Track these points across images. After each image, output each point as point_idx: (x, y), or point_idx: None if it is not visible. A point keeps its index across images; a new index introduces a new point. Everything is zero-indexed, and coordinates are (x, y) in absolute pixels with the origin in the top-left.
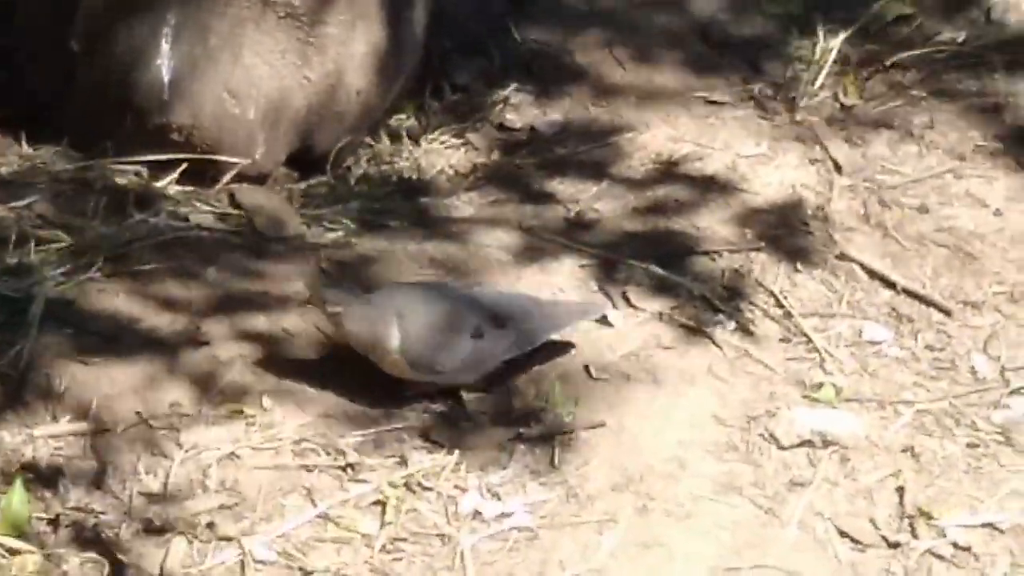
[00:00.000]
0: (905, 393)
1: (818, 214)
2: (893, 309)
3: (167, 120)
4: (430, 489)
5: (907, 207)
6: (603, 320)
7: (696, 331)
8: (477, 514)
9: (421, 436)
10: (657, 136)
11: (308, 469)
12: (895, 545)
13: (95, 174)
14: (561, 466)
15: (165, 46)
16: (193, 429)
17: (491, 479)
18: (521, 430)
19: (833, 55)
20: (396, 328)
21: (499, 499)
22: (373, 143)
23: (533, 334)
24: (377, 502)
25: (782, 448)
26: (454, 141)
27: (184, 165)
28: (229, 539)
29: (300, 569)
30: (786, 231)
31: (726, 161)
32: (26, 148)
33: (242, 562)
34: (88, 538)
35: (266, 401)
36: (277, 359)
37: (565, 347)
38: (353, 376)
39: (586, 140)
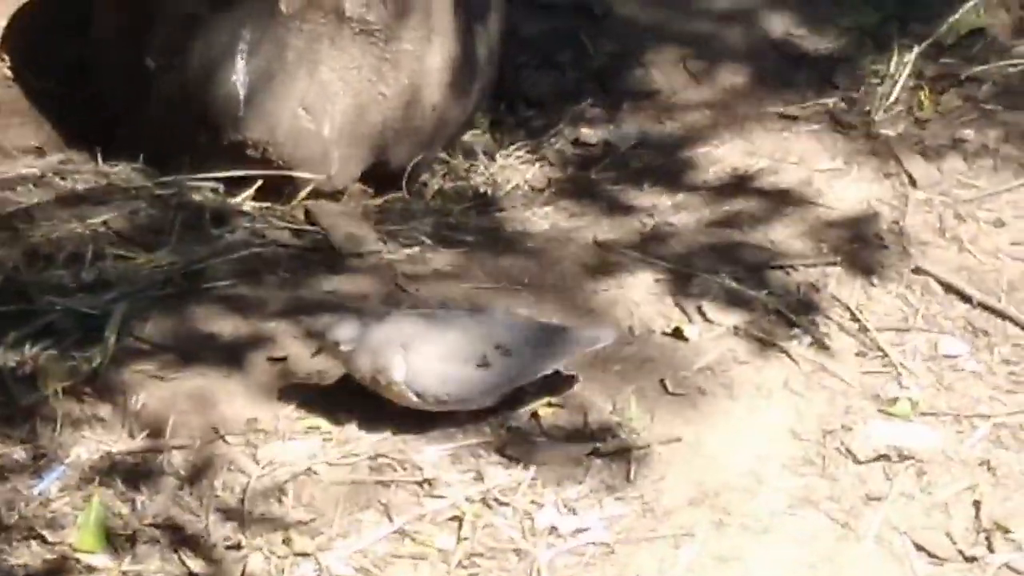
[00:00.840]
0: (981, 407)
1: (893, 228)
2: (969, 323)
3: (243, 136)
4: (507, 504)
5: (982, 221)
6: (678, 334)
7: (772, 345)
8: (553, 529)
9: (497, 451)
10: (732, 150)
11: (385, 484)
12: (972, 559)
13: (171, 190)
14: (637, 481)
15: (241, 62)
16: (270, 445)
17: (567, 494)
18: (597, 445)
19: (908, 69)
20: (402, 359)
21: (575, 514)
22: (448, 158)
23: (540, 362)
24: (454, 517)
25: (858, 462)
26: (529, 156)
27: (260, 181)
28: (306, 555)
29: None
30: (861, 245)
31: (801, 175)
32: (102, 164)
33: None
34: (165, 555)
35: (342, 417)
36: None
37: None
38: None
39: (661, 154)
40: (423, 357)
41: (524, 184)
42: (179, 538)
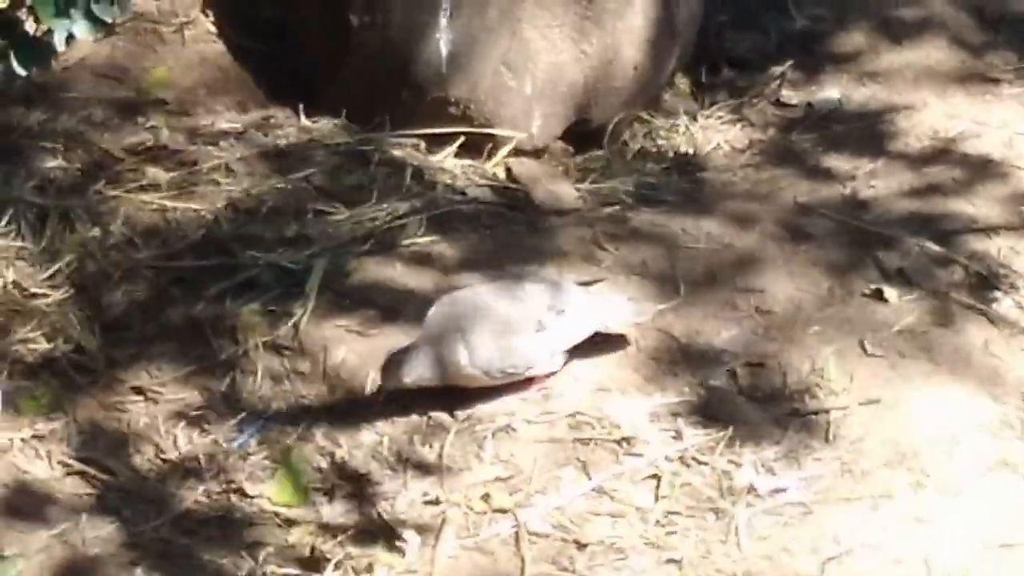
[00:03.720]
0: None
1: None
2: None
3: (445, 94)
4: (704, 463)
5: None
6: (878, 296)
7: (972, 308)
8: (751, 489)
9: (696, 411)
10: (933, 113)
11: (583, 442)
12: None
13: (373, 147)
14: (835, 441)
15: (444, 20)
16: (469, 401)
17: (766, 454)
18: (796, 405)
19: None
20: (463, 345)
21: (773, 474)
22: (649, 118)
23: (591, 320)
24: (652, 476)
25: None
26: (730, 117)
27: (461, 139)
28: (504, 511)
29: (575, 541)
30: None
31: (1003, 139)
32: (304, 121)
33: (517, 534)
34: (364, 509)
35: None
36: None
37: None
38: (626, 351)
39: (862, 117)
40: (482, 335)
41: (725, 144)
42: (377, 492)
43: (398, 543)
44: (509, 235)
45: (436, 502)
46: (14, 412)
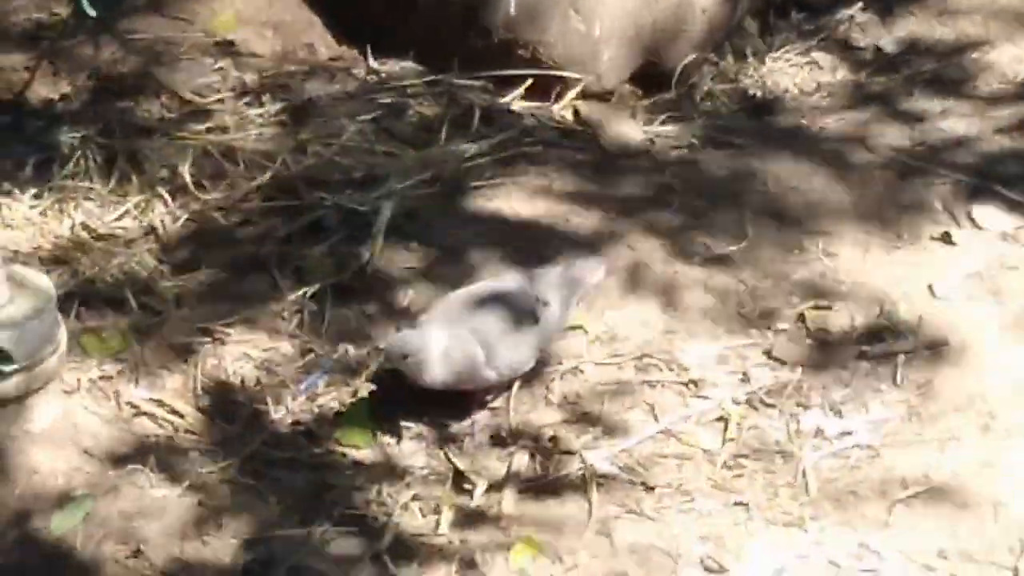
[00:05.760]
0: None
1: None
2: None
3: (514, 36)
4: (772, 406)
5: None
6: (947, 239)
7: None
8: (819, 431)
9: (764, 353)
10: (1003, 55)
11: (651, 385)
12: None
13: (441, 89)
14: (903, 384)
15: None
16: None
17: (833, 396)
18: (864, 348)
19: None
20: (482, 351)
21: (841, 417)
22: (718, 60)
23: (568, 301)
24: (719, 418)
25: None
26: (799, 59)
27: (529, 81)
28: (571, 453)
29: (642, 484)
30: None
31: None
32: (372, 62)
33: (584, 476)
34: (431, 451)
35: (608, 316)
36: (621, 274)
37: None
38: (694, 294)
39: (931, 59)
40: (495, 337)
41: (794, 87)
42: (445, 435)
43: (465, 485)
44: (577, 178)
45: (504, 444)
46: (82, 353)
